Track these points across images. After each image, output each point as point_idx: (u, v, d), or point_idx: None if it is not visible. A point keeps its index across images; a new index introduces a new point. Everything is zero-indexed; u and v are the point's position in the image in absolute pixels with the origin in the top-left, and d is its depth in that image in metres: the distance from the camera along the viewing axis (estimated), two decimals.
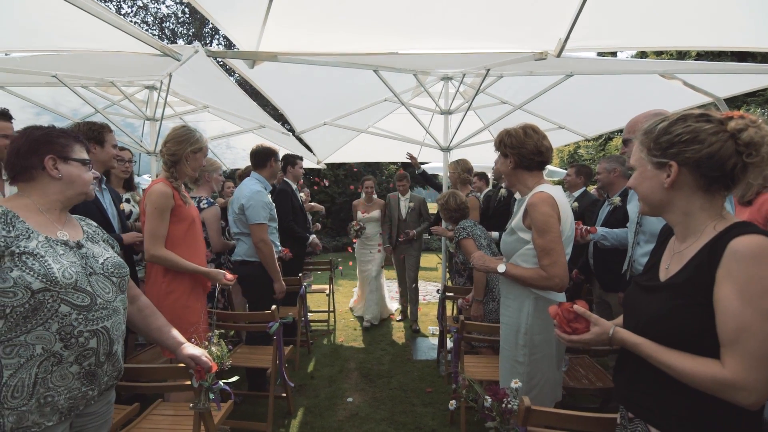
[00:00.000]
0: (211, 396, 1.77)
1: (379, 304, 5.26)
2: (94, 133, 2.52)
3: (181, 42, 14.74)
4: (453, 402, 1.81)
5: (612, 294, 3.00)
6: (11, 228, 1.26)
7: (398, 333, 4.89)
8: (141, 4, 14.21)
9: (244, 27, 2.09)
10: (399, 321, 5.32)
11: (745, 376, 0.90)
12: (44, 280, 1.23)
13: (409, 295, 5.18)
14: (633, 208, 2.22)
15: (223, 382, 1.78)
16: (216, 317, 2.55)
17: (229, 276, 2.43)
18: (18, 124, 2.24)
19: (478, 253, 2.12)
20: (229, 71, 7.22)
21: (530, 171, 1.94)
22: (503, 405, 1.45)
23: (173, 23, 14.85)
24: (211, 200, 3.30)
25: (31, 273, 1.22)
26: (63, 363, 1.28)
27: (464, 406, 2.62)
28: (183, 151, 2.26)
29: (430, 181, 5.15)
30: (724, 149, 0.99)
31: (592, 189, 4.97)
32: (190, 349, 1.69)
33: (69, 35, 2.50)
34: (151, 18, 14.44)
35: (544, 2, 1.99)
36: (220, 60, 3.02)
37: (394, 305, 5.71)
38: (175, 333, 1.72)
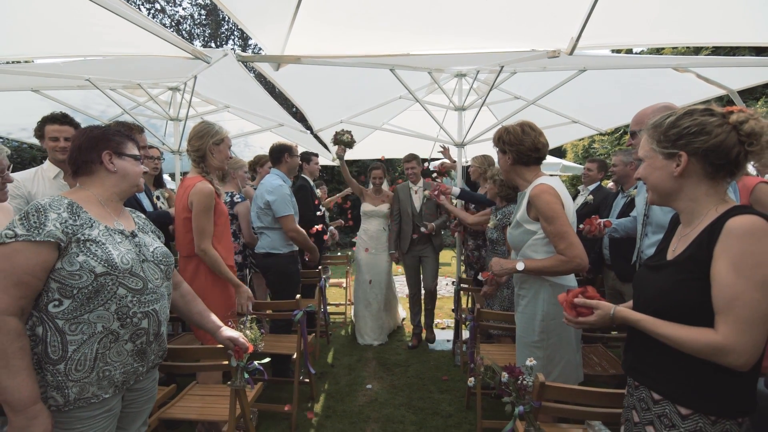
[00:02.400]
0: (246, 375, 1.92)
1: (388, 317, 4.41)
2: None
3: (197, 43, 15.06)
4: (471, 379, 1.92)
5: (627, 284, 3.07)
6: (76, 217, 1.39)
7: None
8: (159, 7, 14.54)
9: (271, 32, 2.22)
10: (412, 348, 4.28)
11: (735, 339, 1.00)
12: (106, 265, 1.37)
13: (423, 305, 4.37)
14: (641, 200, 2.28)
15: (258, 363, 1.93)
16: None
17: (250, 306, 2.52)
18: None
19: (495, 259, 2.19)
20: (250, 69, 7.38)
21: (528, 166, 2.04)
22: (519, 381, 1.55)
23: (190, 25, 15.18)
24: (243, 196, 3.50)
25: (95, 258, 1.36)
26: (119, 340, 1.42)
27: (480, 393, 2.73)
28: (206, 145, 2.38)
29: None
30: (729, 139, 1.08)
31: (608, 183, 5.00)
32: (228, 331, 1.83)
33: (104, 41, 2.65)
34: (169, 20, 14.78)
35: (556, 1, 2.07)
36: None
37: (402, 313, 5.02)
38: (214, 317, 1.86)
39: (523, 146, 1.99)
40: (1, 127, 4.78)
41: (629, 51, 6.81)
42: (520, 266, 1.95)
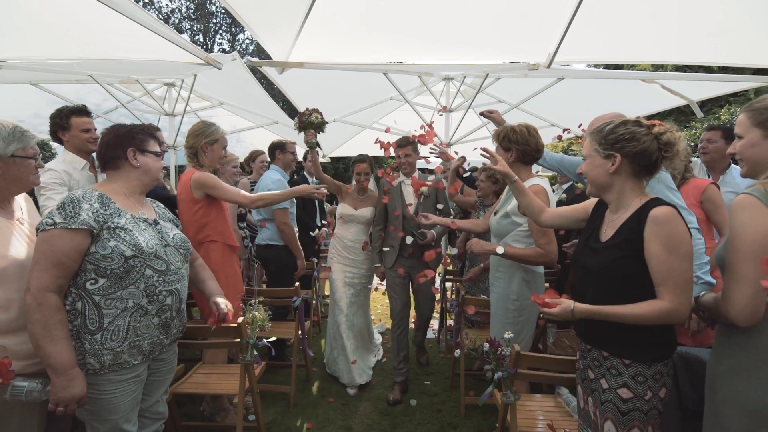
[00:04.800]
0: (254, 352, 2.12)
1: (367, 352, 3.57)
2: None
3: (185, 36, 14.90)
4: (457, 351, 2.15)
5: None
6: (106, 207, 1.58)
7: None
8: (147, 0, 14.36)
9: (278, 40, 2.41)
10: (392, 402, 3.09)
11: (677, 300, 1.29)
12: (134, 249, 1.56)
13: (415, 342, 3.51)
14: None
15: (266, 340, 2.13)
16: (257, 292, 2.88)
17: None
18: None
19: (474, 239, 2.38)
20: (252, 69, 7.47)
21: (526, 165, 2.28)
22: (498, 352, 1.80)
23: (178, 18, 15.02)
24: None
25: (124, 243, 1.55)
26: (147, 315, 1.62)
27: (463, 373, 2.97)
28: (199, 144, 2.54)
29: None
30: (651, 146, 1.39)
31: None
32: (218, 298, 1.92)
33: (117, 46, 2.77)
34: (156, 13, 14.60)
35: (536, 21, 2.33)
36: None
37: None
38: (216, 285, 2.01)
39: (528, 146, 2.20)
40: None
41: (608, 66, 7.18)
42: (500, 250, 2.17)
